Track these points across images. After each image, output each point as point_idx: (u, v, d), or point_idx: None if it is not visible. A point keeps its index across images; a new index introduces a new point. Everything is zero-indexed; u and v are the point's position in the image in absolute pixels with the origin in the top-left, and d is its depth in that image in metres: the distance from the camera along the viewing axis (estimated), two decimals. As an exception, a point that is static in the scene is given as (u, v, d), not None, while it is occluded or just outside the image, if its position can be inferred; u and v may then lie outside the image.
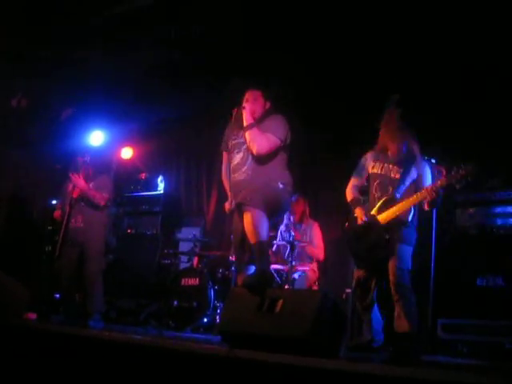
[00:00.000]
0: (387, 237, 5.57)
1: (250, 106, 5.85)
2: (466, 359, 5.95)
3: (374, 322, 5.79)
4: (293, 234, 7.91)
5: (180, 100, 9.46)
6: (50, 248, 9.49)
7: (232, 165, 5.86)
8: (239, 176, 5.75)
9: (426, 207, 5.58)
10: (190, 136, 10.45)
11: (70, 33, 8.00)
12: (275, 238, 8.14)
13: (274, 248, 8.25)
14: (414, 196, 5.52)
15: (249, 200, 5.41)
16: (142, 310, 8.81)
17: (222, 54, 8.19)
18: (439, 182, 5.41)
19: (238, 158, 5.81)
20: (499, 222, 6.53)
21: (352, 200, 6.01)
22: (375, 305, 5.80)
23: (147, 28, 7.84)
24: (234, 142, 5.89)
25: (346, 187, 6.18)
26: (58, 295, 8.51)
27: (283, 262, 8.10)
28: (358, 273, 5.88)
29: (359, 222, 5.79)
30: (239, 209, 5.57)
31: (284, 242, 8.06)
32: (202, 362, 4.43)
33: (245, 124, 5.76)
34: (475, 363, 5.63)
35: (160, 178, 9.99)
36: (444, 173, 5.62)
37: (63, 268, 7.57)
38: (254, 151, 5.65)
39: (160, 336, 6.50)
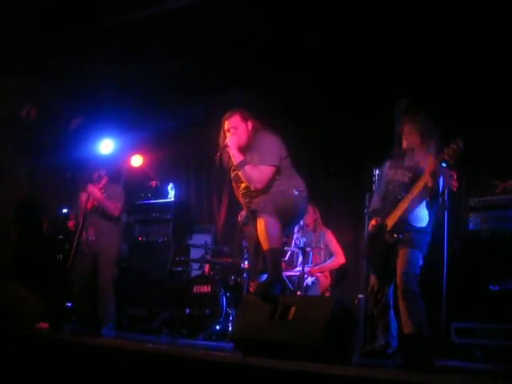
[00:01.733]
0: (392, 240, 5.58)
1: (233, 140, 5.66)
2: (480, 364, 5.93)
3: (391, 326, 5.76)
4: (304, 240, 7.91)
5: (190, 107, 9.47)
6: (61, 257, 9.52)
7: (240, 191, 5.84)
8: (249, 203, 5.67)
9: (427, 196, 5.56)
10: (200, 143, 10.44)
11: (80, 42, 8.02)
12: (288, 244, 8.12)
13: (287, 257, 8.26)
14: (416, 185, 5.50)
15: (262, 207, 5.39)
16: (154, 318, 8.82)
17: (232, 62, 8.20)
18: (437, 157, 5.38)
19: (242, 186, 5.76)
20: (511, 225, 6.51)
21: (371, 211, 6.07)
22: (391, 309, 5.77)
23: (157, 37, 7.85)
24: (234, 173, 5.79)
25: (354, 193, 6.23)
26: (69, 304, 8.52)
27: (295, 269, 8.12)
28: (373, 278, 5.86)
29: (370, 227, 5.81)
30: (253, 215, 5.56)
31: (296, 249, 8.06)
32: (215, 369, 4.41)
33: (234, 162, 5.63)
34: (489, 368, 5.60)
35: (170, 186, 10.00)
36: (454, 176, 5.61)
37: (76, 277, 7.61)
38: (253, 188, 5.60)
39: (173, 344, 6.49)
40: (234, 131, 5.69)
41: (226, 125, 5.76)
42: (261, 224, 5.38)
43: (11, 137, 9.50)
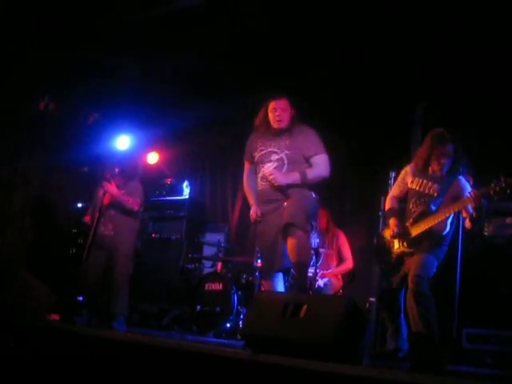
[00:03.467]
0: (410, 248, 5.54)
1: (278, 176, 5.78)
2: (491, 370, 5.89)
3: (401, 329, 5.72)
4: (318, 241, 7.90)
5: (207, 106, 9.46)
6: (74, 251, 9.54)
7: (263, 174, 5.89)
8: (267, 187, 5.81)
9: (467, 224, 5.49)
10: (215, 142, 10.48)
11: (99, 37, 8.04)
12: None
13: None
14: (455, 204, 5.41)
15: (299, 224, 5.56)
16: (165, 315, 8.81)
17: (249, 62, 8.20)
18: (481, 191, 5.27)
19: (268, 166, 5.84)
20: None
21: (389, 210, 5.99)
22: (402, 313, 5.74)
23: (176, 35, 7.85)
24: (262, 152, 5.91)
25: (369, 196, 6.19)
26: (81, 298, 8.53)
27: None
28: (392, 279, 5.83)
29: (390, 232, 5.77)
30: (286, 229, 5.63)
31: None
32: (224, 365, 4.41)
33: (297, 182, 5.77)
34: (499, 374, 5.57)
35: (185, 183, 10.03)
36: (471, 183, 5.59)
37: (90, 270, 7.60)
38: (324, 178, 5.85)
39: (182, 339, 6.49)
40: (281, 112, 5.88)
41: (273, 105, 5.94)
42: (294, 240, 5.56)
43: (28, 130, 9.55)
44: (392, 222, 5.80)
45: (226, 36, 7.74)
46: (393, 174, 6.88)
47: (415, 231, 5.56)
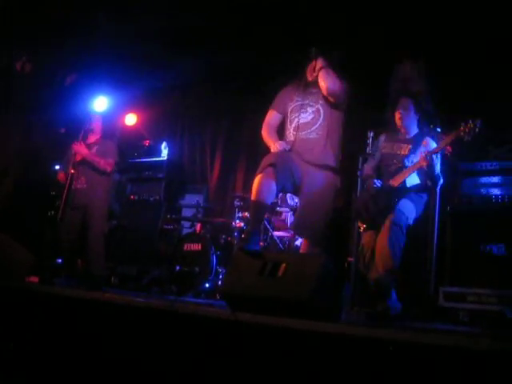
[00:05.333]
0: (396, 199, 5.63)
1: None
2: (467, 327, 5.94)
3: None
4: (296, 201, 7.91)
5: (185, 67, 9.41)
6: (52, 213, 9.51)
7: (296, 124, 5.90)
8: (308, 134, 5.84)
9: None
10: (194, 103, 10.43)
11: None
12: (278, 204, 8.11)
13: (282, 216, 8.27)
14: (413, 165, 5.64)
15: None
16: (144, 276, 8.83)
17: (227, 21, 8.15)
18: (440, 144, 5.59)
19: (304, 117, 5.90)
20: (503, 191, 6.50)
21: (366, 175, 6.18)
22: None
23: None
24: (298, 103, 5.96)
25: (347, 156, 6.23)
26: (60, 260, 8.52)
27: (286, 229, 8.11)
28: (364, 238, 5.87)
29: (371, 185, 5.87)
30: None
31: (288, 209, 8.06)
32: (203, 324, 4.43)
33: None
34: (475, 331, 5.62)
35: (164, 145, 9.97)
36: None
37: (65, 231, 7.59)
38: (326, 87, 5.76)
39: (162, 299, 6.51)
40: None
41: (310, 67, 5.97)
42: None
43: (4, 91, 9.45)
44: (370, 181, 5.96)
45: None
46: (371, 134, 6.91)
47: (395, 182, 5.73)
